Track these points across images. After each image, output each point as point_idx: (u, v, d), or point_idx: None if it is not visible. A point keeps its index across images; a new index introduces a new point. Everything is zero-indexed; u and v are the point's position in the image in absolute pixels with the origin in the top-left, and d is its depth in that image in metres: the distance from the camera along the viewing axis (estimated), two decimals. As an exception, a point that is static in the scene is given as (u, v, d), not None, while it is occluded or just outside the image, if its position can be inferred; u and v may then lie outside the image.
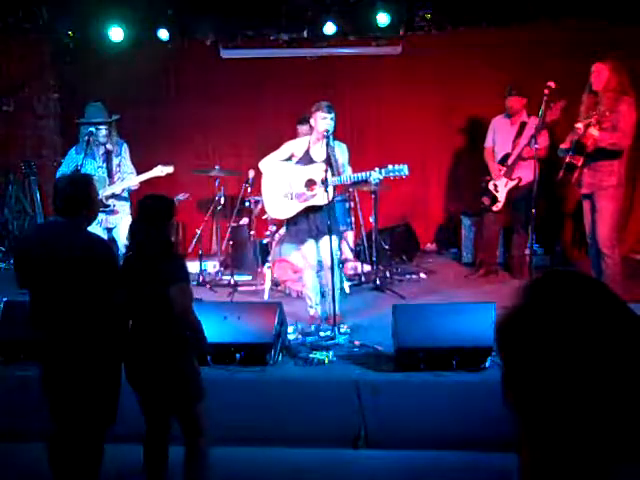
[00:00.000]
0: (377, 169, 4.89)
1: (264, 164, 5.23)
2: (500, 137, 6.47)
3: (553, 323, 0.95)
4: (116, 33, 7.01)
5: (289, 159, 5.18)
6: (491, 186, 6.40)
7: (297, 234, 5.24)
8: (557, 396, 0.94)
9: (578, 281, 1.01)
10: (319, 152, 5.03)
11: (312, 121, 5.08)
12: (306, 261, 5.30)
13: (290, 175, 5.13)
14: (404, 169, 4.91)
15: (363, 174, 4.93)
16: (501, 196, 6.35)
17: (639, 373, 0.93)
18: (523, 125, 6.29)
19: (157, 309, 3.03)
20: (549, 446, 0.97)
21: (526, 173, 6.24)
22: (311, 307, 5.30)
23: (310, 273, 5.26)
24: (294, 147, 5.20)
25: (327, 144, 4.92)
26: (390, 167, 4.91)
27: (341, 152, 5.17)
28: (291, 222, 5.27)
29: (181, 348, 3.08)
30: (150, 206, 3.13)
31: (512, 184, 6.30)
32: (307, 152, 5.11)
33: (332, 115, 4.96)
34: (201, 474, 3.15)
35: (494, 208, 6.42)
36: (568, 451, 0.96)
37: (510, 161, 6.29)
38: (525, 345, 0.98)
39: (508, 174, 6.30)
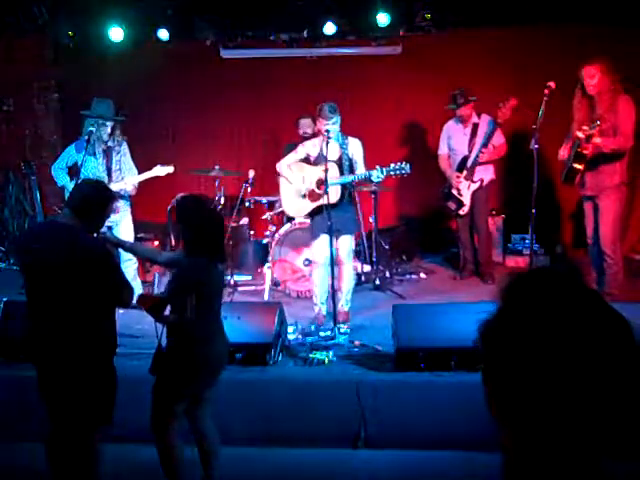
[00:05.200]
0: (378, 167, 4.90)
1: (281, 165, 5.34)
2: (455, 141, 6.47)
3: (533, 324, 0.96)
4: (116, 33, 7.01)
5: (306, 159, 5.26)
6: (454, 191, 6.38)
7: (314, 228, 5.31)
8: (540, 396, 0.95)
9: (555, 279, 1.01)
10: (332, 152, 5.05)
11: (318, 123, 5.12)
12: (315, 257, 5.32)
13: (304, 174, 5.25)
14: (407, 167, 4.91)
15: (364, 173, 4.95)
16: (466, 200, 6.35)
17: (619, 369, 0.94)
18: (476, 126, 6.32)
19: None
20: (533, 446, 0.98)
21: (486, 174, 6.33)
22: (316, 305, 5.33)
23: (318, 270, 5.28)
24: (309, 148, 5.28)
25: (327, 143, 4.93)
26: (392, 165, 4.92)
27: (356, 148, 5.19)
28: (311, 217, 5.36)
29: None
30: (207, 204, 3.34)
31: (475, 186, 6.31)
32: (321, 152, 5.13)
33: (334, 119, 4.97)
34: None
35: (461, 212, 6.42)
36: (553, 451, 0.96)
37: (469, 163, 6.29)
38: (507, 348, 0.98)
39: (469, 177, 6.30)
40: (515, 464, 1.01)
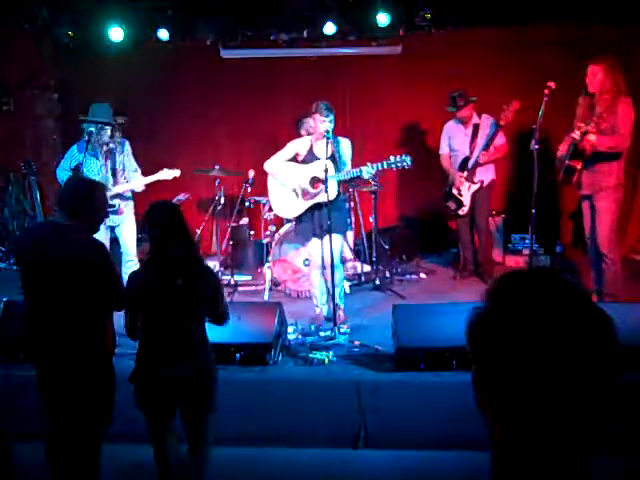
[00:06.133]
0: (369, 164, 4.88)
1: (269, 165, 5.23)
2: (456, 142, 6.48)
3: (521, 323, 0.96)
4: (116, 33, 7.01)
5: (294, 158, 5.20)
6: (455, 191, 6.40)
7: (302, 233, 5.27)
8: (530, 393, 0.96)
9: (543, 279, 1.01)
10: (322, 150, 5.03)
11: (311, 121, 5.10)
12: (312, 260, 5.32)
13: (295, 174, 5.17)
14: (407, 160, 4.89)
15: (356, 170, 4.93)
16: (466, 200, 6.37)
17: (601, 365, 0.95)
18: (477, 127, 6.33)
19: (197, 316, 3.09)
20: (521, 441, 0.98)
21: (487, 175, 6.35)
22: (317, 306, 5.33)
23: (316, 272, 5.28)
24: (298, 146, 5.22)
25: (327, 144, 4.92)
26: (392, 158, 4.90)
27: (346, 148, 5.17)
28: (297, 221, 5.31)
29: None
30: (178, 212, 3.14)
31: (475, 187, 6.33)
32: (311, 150, 5.13)
33: (331, 117, 4.96)
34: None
35: (460, 212, 6.44)
36: (540, 445, 0.97)
37: (470, 164, 6.31)
38: (496, 346, 0.98)
39: (470, 178, 6.31)
40: (504, 459, 1.02)
